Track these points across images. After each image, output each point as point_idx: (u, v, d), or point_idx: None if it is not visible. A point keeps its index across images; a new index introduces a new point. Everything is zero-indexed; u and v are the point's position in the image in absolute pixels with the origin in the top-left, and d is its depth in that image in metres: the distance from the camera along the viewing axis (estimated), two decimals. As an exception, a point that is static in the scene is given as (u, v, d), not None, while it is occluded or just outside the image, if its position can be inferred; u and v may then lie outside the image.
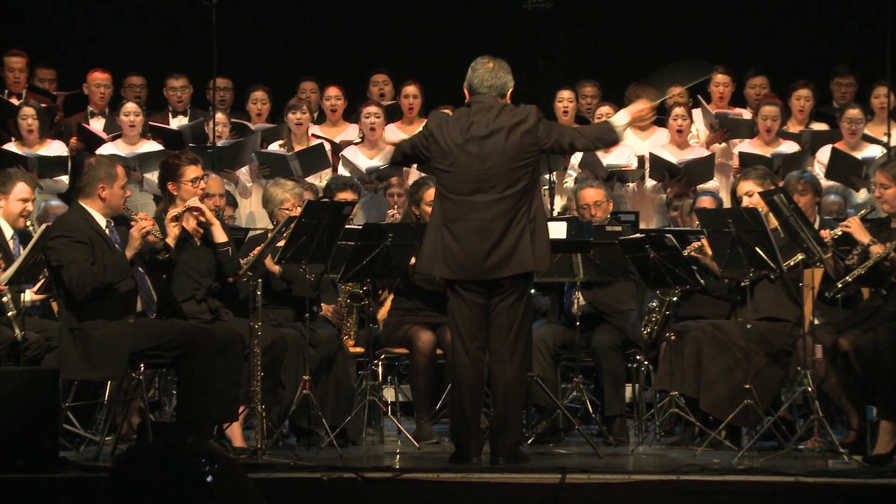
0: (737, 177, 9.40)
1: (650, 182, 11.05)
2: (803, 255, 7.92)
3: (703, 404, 8.32)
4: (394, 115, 11.65)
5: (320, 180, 10.83)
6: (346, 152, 11.21)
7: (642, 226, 10.41)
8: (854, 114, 10.85)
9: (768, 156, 10.77)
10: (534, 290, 8.65)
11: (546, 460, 7.68)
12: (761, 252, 7.84)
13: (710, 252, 8.35)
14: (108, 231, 7.68)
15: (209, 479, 3.76)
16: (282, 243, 8.09)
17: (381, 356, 8.85)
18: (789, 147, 10.99)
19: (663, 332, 8.69)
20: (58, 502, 6.61)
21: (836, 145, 10.77)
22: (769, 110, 11.08)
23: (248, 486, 3.88)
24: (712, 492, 6.71)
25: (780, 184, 8.82)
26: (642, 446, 8.39)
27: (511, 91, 7.50)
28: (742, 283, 8.15)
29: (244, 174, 11.19)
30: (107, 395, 8.37)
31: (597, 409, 8.88)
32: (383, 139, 11.24)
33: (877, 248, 7.82)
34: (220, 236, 8.23)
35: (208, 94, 11.67)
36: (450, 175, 7.39)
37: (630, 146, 11.21)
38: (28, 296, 8.08)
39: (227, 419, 7.74)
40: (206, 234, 8.24)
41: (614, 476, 6.92)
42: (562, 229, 8.46)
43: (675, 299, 8.63)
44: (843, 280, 7.90)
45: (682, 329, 8.46)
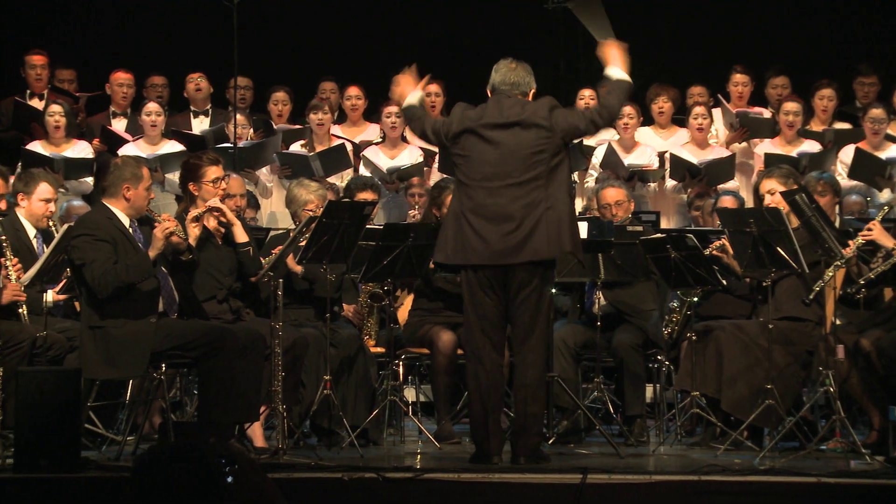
0: (759, 175, 9.37)
1: (671, 182, 11.04)
2: (834, 269, 7.88)
3: (724, 404, 8.30)
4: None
5: (341, 180, 10.84)
6: (367, 152, 11.21)
7: (663, 226, 10.39)
8: (877, 113, 10.82)
9: (794, 155, 10.75)
10: (554, 290, 8.64)
11: (567, 460, 7.68)
12: (783, 252, 7.82)
13: (731, 251, 8.34)
14: (131, 231, 7.70)
15: (230, 479, 3.77)
16: (303, 243, 8.10)
17: (402, 356, 8.85)
18: (812, 146, 10.97)
19: (684, 332, 8.67)
20: (80, 502, 6.63)
21: (859, 145, 10.74)
22: (791, 106, 11.06)
23: (268, 486, 3.89)
24: (734, 492, 6.69)
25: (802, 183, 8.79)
26: (663, 447, 8.37)
27: (533, 92, 7.52)
28: (764, 283, 8.13)
29: (265, 174, 11.21)
30: (128, 394, 8.39)
31: (618, 409, 8.87)
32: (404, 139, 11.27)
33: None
34: (241, 236, 8.24)
35: (229, 93, 11.68)
36: (467, 161, 7.42)
37: (651, 146, 11.20)
38: (50, 296, 8.09)
39: (248, 419, 7.76)
40: (228, 233, 8.26)
41: (635, 476, 6.90)
42: (583, 229, 8.45)
43: (696, 299, 8.61)
44: (866, 277, 7.88)
45: (703, 329, 8.44)
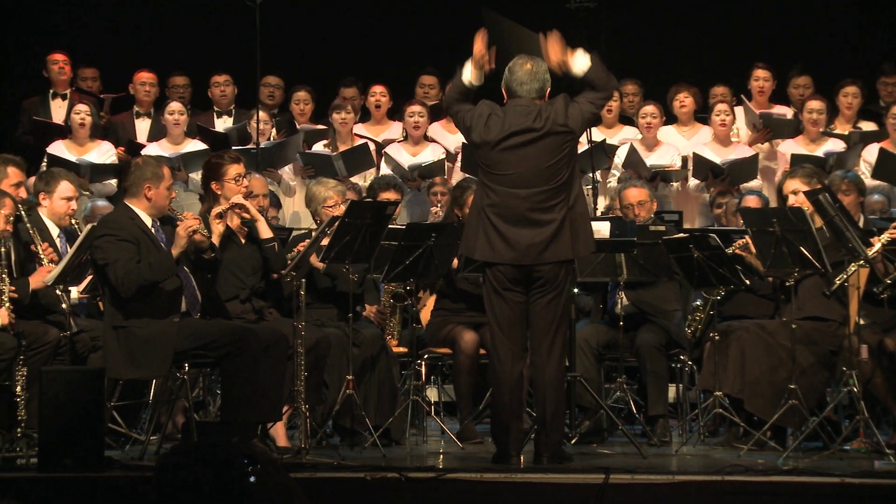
0: (783, 175, 9.35)
1: (693, 181, 11.02)
2: (856, 267, 7.85)
3: (747, 405, 8.28)
4: (438, 114, 11.67)
5: (364, 180, 10.85)
6: (390, 149, 11.23)
7: (686, 225, 10.37)
8: (901, 113, 10.79)
9: (821, 154, 10.72)
10: (577, 290, 8.64)
11: (590, 460, 7.67)
12: (806, 252, 7.80)
13: (754, 250, 8.32)
14: (153, 230, 7.72)
15: (252, 479, 3.78)
16: (325, 242, 8.10)
17: (425, 356, 8.85)
18: (836, 144, 10.93)
19: (707, 332, 8.65)
20: (103, 501, 6.65)
21: (883, 144, 10.70)
22: (815, 105, 11.03)
23: (290, 485, 3.90)
24: (757, 493, 6.68)
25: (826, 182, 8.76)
26: (686, 447, 8.36)
27: (549, 90, 7.51)
28: (787, 283, 8.11)
29: (287, 173, 11.22)
30: (151, 394, 8.41)
31: (640, 409, 8.85)
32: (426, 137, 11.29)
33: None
34: (265, 232, 8.26)
35: (261, 92, 11.69)
36: (491, 168, 7.41)
37: (674, 146, 11.19)
38: (74, 293, 8.12)
39: (270, 419, 7.77)
40: (252, 231, 8.28)
41: (658, 476, 6.90)
42: (605, 229, 8.43)
43: (719, 297, 8.58)
44: (892, 276, 7.86)
45: (726, 329, 8.42)
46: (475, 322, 8.67)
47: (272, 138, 11.34)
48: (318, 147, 11.26)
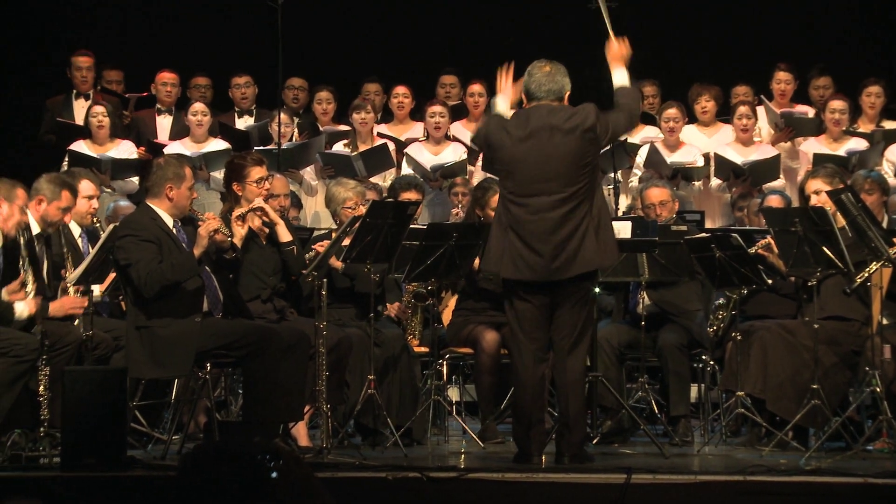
0: (805, 175, 9.33)
1: (715, 181, 11.00)
2: (878, 267, 7.82)
3: (769, 405, 8.26)
4: (459, 113, 11.68)
5: (384, 180, 10.86)
6: (411, 149, 11.23)
7: (708, 225, 10.35)
8: (924, 112, 10.77)
9: (843, 154, 10.69)
10: (598, 290, 8.63)
11: (611, 460, 7.66)
12: (828, 251, 7.78)
13: (776, 250, 8.30)
14: (175, 231, 7.73)
15: (274, 474, 3.79)
16: (347, 242, 8.11)
17: (446, 356, 8.85)
18: (859, 143, 10.90)
19: (729, 332, 8.63)
20: (126, 500, 6.66)
21: (906, 144, 10.68)
22: (837, 104, 11.00)
23: (313, 480, 3.90)
24: (779, 493, 6.66)
25: (849, 182, 8.74)
26: (708, 447, 8.34)
27: (568, 94, 7.50)
28: (809, 283, 8.09)
29: (309, 173, 11.24)
30: (174, 394, 8.42)
31: (662, 409, 8.84)
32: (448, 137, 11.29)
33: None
34: (284, 235, 8.27)
35: (284, 94, 11.71)
36: (511, 177, 7.40)
37: (696, 146, 11.17)
38: (96, 290, 8.15)
39: (292, 418, 7.78)
40: (272, 233, 8.29)
41: (680, 476, 6.89)
42: (627, 229, 8.43)
43: (744, 291, 8.55)
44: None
45: (748, 329, 8.41)
46: (497, 322, 8.66)
47: (294, 139, 11.35)
48: (339, 147, 11.27)
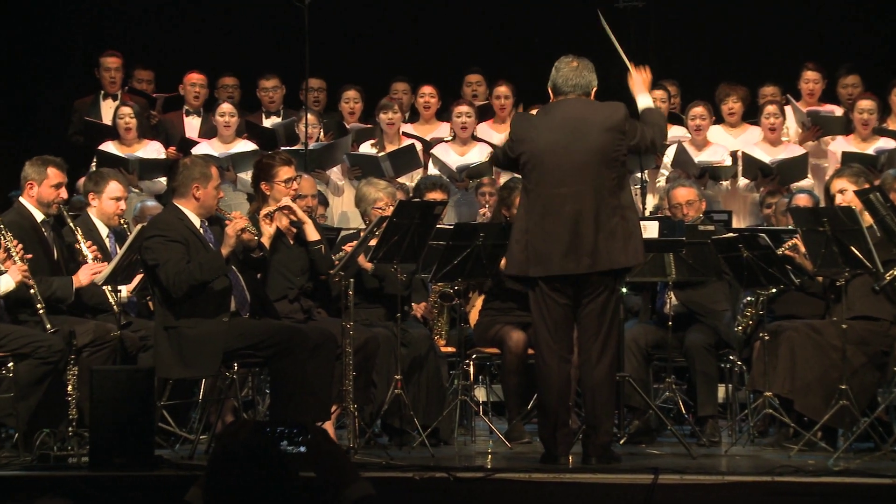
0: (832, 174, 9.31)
1: (743, 180, 10.97)
2: None
3: (797, 405, 8.24)
4: (486, 114, 11.68)
5: (411, 180, 10.86)
6: (437, 150, 11.23)
7: (735, 225, 10.33)
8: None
9: (872, 153, 10.65)
10: (625, 290, 8.62)
11: (638, 461, 7.65)
12: (856, 251, 7.75)
13: (803, 250, 8.27)
14: (202, 231, 7.75)
15: (302, 448, 3.82)
16: (374, 242, 8.12)
17: (473, 356, 8.85)
18: (887, 143, 10.86)
19: (757, 332, 8.61)
20: (153, 500, 6.69)
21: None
22: (866, 104, 10.96)
23: (341, 455, 3.92)
24: (807, 493, 6.64)
25: (877, 182, 8.71)
26: (736, 447, 8.32)
27: (595, 90, 7.49)
28: (837, 283, 8.06)
29: (336, 173, 11.25)
30: (201, 394, 8.44)
31: (689, 409, 8.83)
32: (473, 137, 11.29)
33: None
34: (312, 235, 8.28)
35: (301, 94, 11.75)
36: (536, 171, 7.39)
37: (723, 145, 11.14)
38: (124, 291, 8.17)
39: (319, 418, 7.78)
40: (300, 233, 8.30)
41: (708, 477, 6.87)
42: (654, 229, 8.41)
43: (772, 292, 8.52)
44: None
45: (776, 329, 8.38)
46: (524, 322, 8.65)
47: (320, 139, 11.37)
48: (366, 147, 11.28)
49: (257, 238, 7.80)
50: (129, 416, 7.14)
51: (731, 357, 8.83)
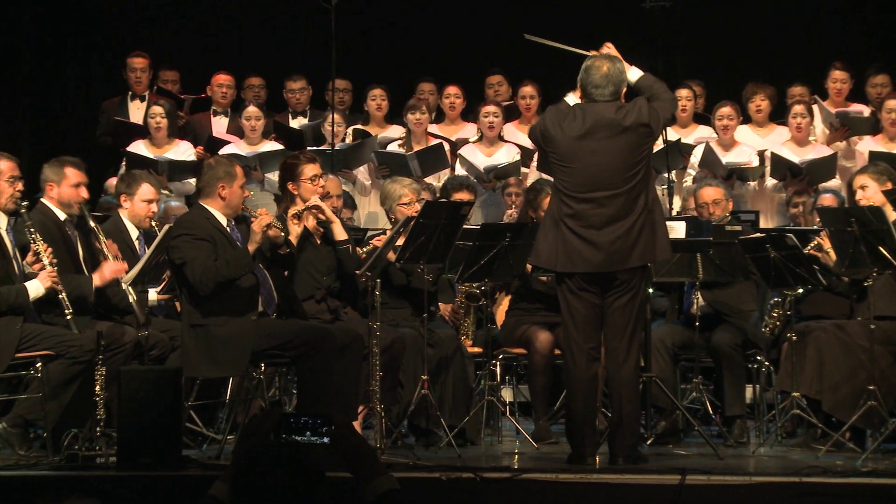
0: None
1: (771, 181, 10.94)
2: None
3: (825, 405, 8.21)
4: (511, 115, 11.67)
5: (438, 180, 10.86)
6: (464, 150, 11.23)
7: (762, 225, 10.30)
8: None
9: (898, 153, 10.61)
10: (652, 290, 8.61)
11: (665, 461, 7.64)
12: (884, 251, 7.72)
13: (829, 249, 8.25)
14: (229, 229, 7.77)
15: (326, 440, 3.83)
16: (401, 241, 8.12)
17: (500, 356, 8.84)
18: (918, 143, 10.83)
19: (784, 332, 8.58)
20: (181, 500, 6.70)
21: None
22: (894, 103, 10.90)
23: (365, 448, 3.93)
24: (835, 494, 6.62)
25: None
26: (763, 448, 8.30)
27: (625, 91, 7.49)
28: (865, 283, 8.03)
29: (362, 173, 11.26)
30: (228, 393, 8.46)
31: (717, 409, 8.81)
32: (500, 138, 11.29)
33: None
34: (340, 234, 8.29)
35: (327, 95, 11.76)
36: (566, 172, 7.41)
37: (750, 145, 11.11)
38: (153, 295, 8.19)
39: (346, 418, 7.78)
40: (327, 232, 8.32)
41: (735, 478, 6.86)
42: (681, 229, 8.40)
43: (799, 292, 8.49)
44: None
45: (803, 329, 8.35)
46: (550, 322, 8.65)
47: (346, 140, 11.38)
48: (393, 147, 11.29)
49: (284, 234, 7.81)
50: (157, 416, 7.16)
51: (758, 357, 8.81)
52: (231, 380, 8.34)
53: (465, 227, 8.32)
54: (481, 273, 8.38)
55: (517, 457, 8.09)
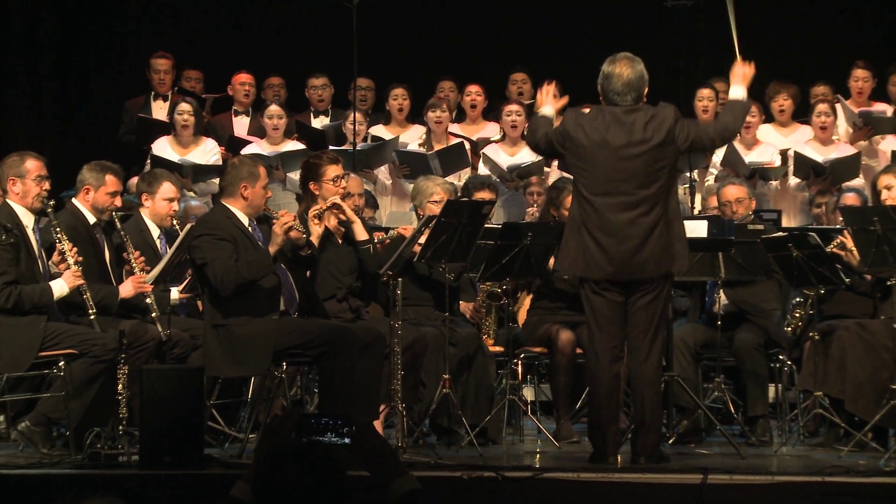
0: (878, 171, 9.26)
1: (794, 180, 10.91)
2: None
3: (848, 405, 8.19)
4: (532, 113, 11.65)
5: (459, 179, 10.86)
6: (488, 150, 11.22)
7: (785, 224, 10.27)
8: None
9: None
10: (675, 290, 8.58)
11: (687, 460, 7.63)
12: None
13: (851, 248, 8.22)
14: (250, 229, 7.78)
15: (346, 440, 3.83)
16: (423, 239, 8.12)
17: (521, 355, 8.83)
18: (941, 142, 10.80)
19: (807, 331, 8.56)
20: (203, 498, 6.72)
21: None
22: (917, 102, 10.90)
23: (385, 448, 3.93)
24: (858, 494, 6.61)
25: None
26: (786, 447, 8.28)
27: (647, 91, 7.47)
28: (889, 282, 8.00)
29: (383, 172, 11.27)
30: (250, 392, 8.48)
31: (739, 409, 8.79)
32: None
33: None
34: (361, 234, 8.30)
35: (350, 94, 11.77)
36: (587, 174, 7.39)
37: (773, 144, 11.09)
38: (175, 293, 8.21)
39: (368, 417, 7.79)
40: (348, 232, 8.32)
41: (757, 477, 6.85)
42: (703, 228, 8.38)
43: (822, 291, 8.47)
44: None
45: (826, 328, 8.33)
46: (572, 321, 8.64)
47: (367, 141, 11.38)
48: (413, 146, 11.29)
49: (305, 236, 7.83)
50: (179, 414, 7.18)
51: (780, 357, 8.78)
52: (253, 379, 8.36)
53: (486, 226, 8.32)
54: (503, 272, 8.38)
55: (539, 456, 8.08)
